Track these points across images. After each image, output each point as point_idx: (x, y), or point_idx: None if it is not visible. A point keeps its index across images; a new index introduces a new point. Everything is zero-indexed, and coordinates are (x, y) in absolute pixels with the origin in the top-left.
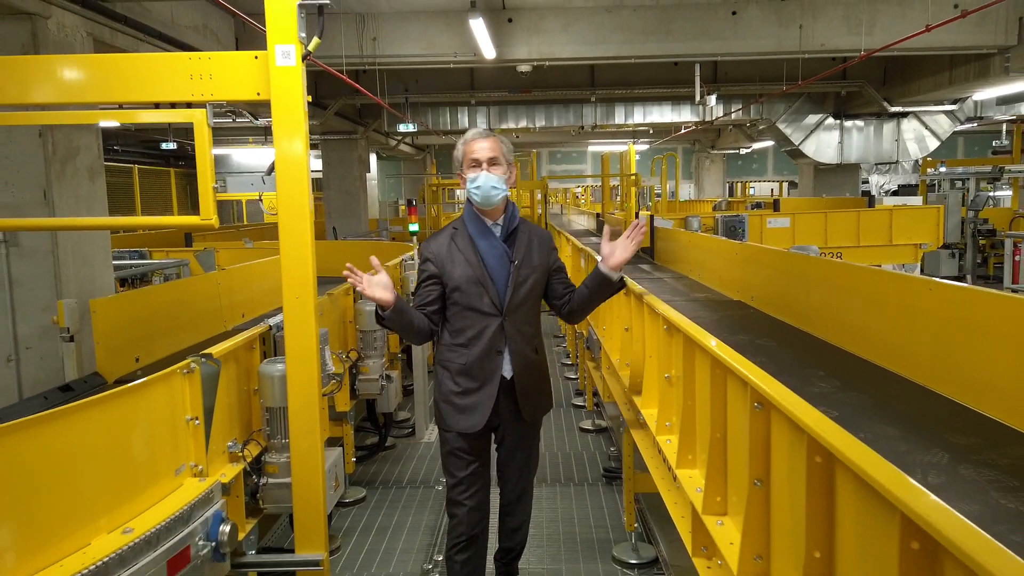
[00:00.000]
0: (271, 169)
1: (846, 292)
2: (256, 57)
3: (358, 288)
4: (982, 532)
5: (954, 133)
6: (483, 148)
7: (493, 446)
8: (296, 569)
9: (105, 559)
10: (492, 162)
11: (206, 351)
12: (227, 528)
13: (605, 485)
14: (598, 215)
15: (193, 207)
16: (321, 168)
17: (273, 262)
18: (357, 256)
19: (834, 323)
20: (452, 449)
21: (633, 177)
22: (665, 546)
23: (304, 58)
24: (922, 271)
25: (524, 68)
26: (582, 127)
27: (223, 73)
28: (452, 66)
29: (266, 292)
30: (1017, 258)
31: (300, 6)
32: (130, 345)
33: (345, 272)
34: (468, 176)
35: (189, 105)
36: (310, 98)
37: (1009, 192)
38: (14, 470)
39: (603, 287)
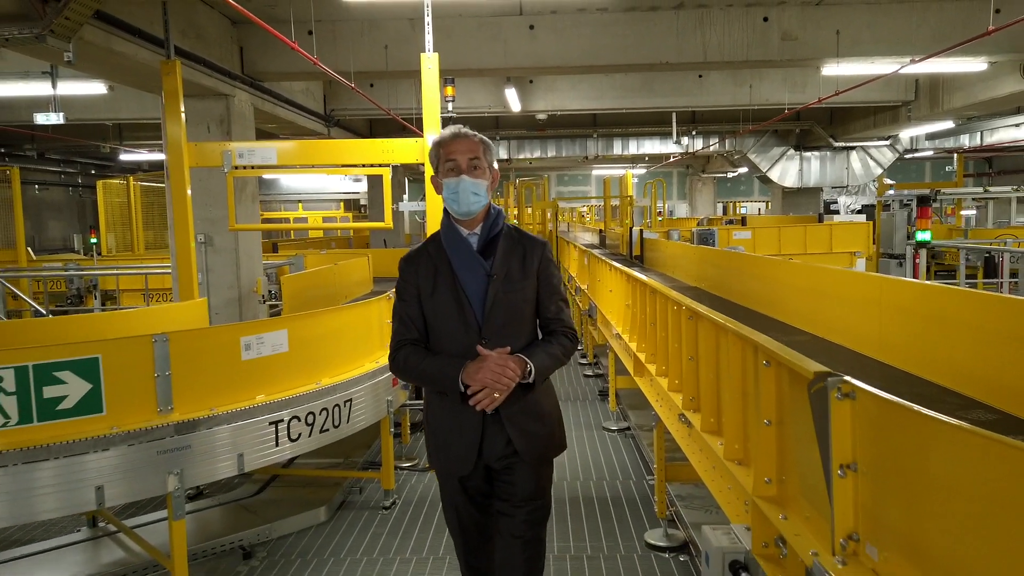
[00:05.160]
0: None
1: (747, 274)
2: (416, 141)
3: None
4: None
5: (921, 158)
6: (462, 149)
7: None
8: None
9: (372, 370)
10: (473, 165)
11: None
12: None
13: (600, 401)
14: (600, 231)
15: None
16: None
17: (356, 262)
18: None
19: (741, 292)
20: (445, 489)
21: (629, 199)
22: (635, 418)
23: None
24: None
25: (541, 116)
26: (586, 157)
27: (399, 149)
28: (486, 115)
29: (356, 284)
30: (917, 261)
31: (442, 117)
32: (298, 307)
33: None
34: (445, 182)
35: (381, 166)
36: None
37: (974, 212)
38: (333, 328)
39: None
